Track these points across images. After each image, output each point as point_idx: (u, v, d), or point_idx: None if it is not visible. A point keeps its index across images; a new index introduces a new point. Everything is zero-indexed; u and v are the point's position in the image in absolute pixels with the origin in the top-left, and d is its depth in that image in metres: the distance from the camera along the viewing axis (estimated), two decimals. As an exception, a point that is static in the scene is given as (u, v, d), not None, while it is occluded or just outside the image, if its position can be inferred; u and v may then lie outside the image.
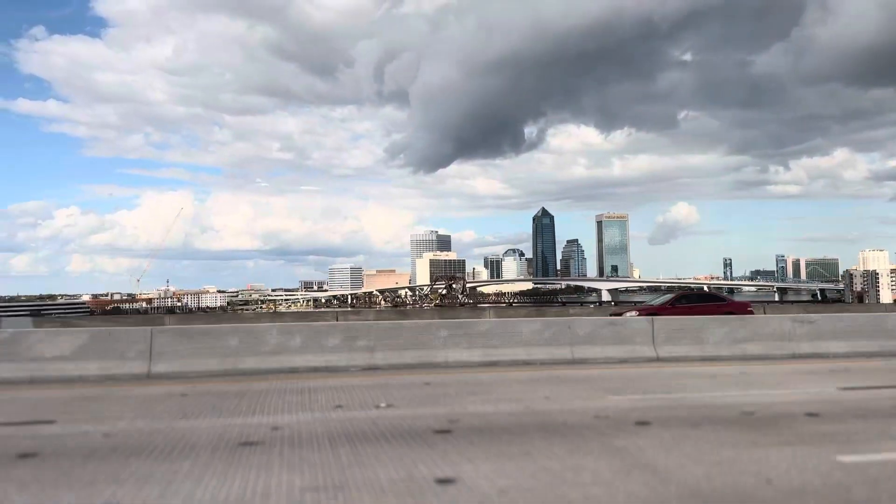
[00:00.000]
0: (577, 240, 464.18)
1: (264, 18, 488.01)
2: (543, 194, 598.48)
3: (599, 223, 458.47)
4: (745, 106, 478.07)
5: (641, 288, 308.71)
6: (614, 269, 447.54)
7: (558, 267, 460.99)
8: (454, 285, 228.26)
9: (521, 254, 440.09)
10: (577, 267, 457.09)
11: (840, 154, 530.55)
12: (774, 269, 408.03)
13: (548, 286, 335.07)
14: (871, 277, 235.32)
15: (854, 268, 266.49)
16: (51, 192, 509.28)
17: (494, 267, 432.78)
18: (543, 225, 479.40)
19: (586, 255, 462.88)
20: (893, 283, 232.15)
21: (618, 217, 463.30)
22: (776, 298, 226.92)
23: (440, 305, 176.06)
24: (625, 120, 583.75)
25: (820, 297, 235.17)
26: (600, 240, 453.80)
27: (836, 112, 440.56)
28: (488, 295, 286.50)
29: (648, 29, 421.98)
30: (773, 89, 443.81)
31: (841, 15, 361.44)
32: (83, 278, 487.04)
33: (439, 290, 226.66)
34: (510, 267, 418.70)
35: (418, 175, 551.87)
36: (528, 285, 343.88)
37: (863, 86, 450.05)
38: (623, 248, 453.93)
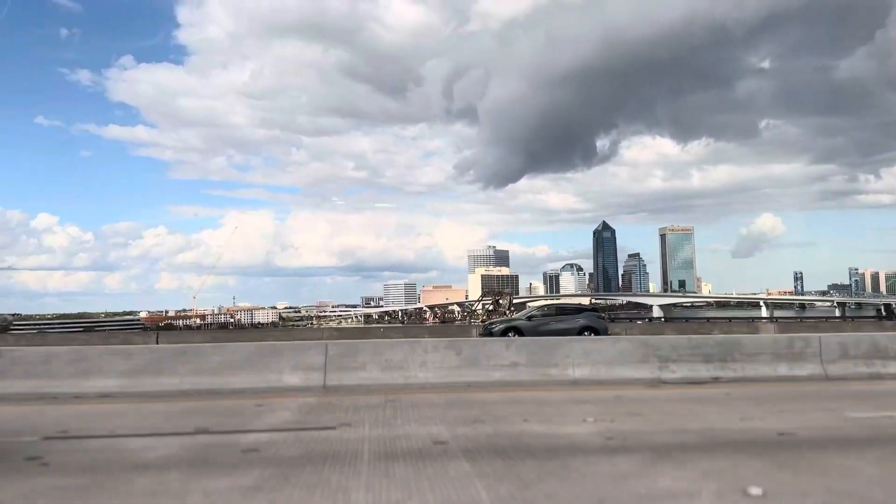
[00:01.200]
0: (638, 254, 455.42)
1: (338, 42, 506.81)
2: (618, 207, 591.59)
3: (663, 236, 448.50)
4: (828, 113, 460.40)
5: (708, 304, 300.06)
6: (681, 283, 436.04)
7: (620, 282, 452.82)
8: (500, 301, 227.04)
9: (579, 268, 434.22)
10: (639, 281, 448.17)
11: None
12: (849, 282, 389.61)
13: (606, 301, 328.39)
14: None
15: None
16: (140, 213, 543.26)
17: (552, 282, 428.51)
18: (604, 239, 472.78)
19: (649, 269, 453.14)
20: None
21: (682, 230, 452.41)
22: (836, 314, 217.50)
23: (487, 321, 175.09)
24: (702, 130, 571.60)
25: (885, 314, 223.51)
26: (664, 253, 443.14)
27: None
28: None
29: (723, 36, 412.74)
30: (858, 95, 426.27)
31: None
32: (171, 295, 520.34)
33: (486, 306, 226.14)
34: (568, 282, 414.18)
35: (488, 190, 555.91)
36: (585, 300, 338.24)
37: None
38: (688, 262, 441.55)
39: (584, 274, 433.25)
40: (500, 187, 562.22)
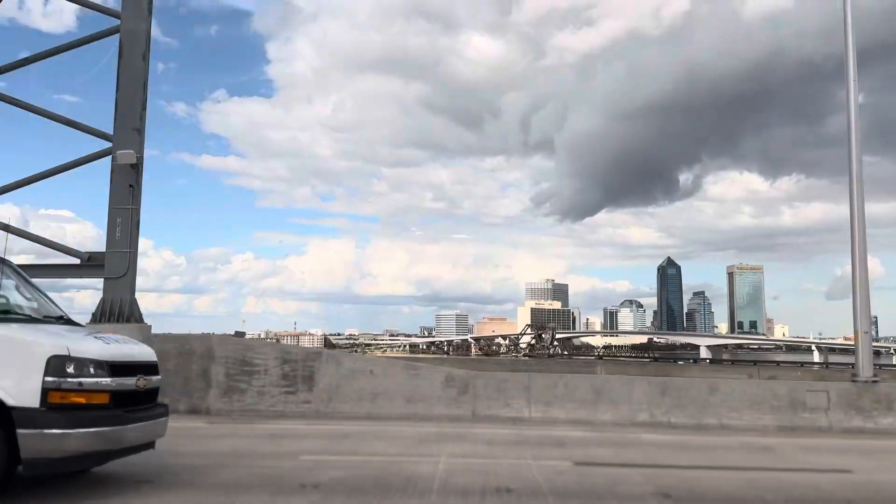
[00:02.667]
0: (703, 291, 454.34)
1: (418, 76, 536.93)
2: (704, 244, 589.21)
3: (731, 274, 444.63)
4: None
5: (777, 346, 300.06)
6: (752, 324, 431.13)
7: (684, 320, 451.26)
8: (543, 335, 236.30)
9: (639, 305, 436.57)
10: (703, 320, 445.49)
11: None
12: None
13: (667, 340, 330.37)
14: None
15: None
16: (229, 239, 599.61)
17: (611, 318, 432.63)
18: (669, 275, 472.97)
19: (714, 307, 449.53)
20: None
21: (751, 268, 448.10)
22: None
23: (529, 355, 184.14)
24: (792, 165, 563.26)
25: None
26: (731, 292, 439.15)
27: None
28: (596, 347, 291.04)
29: (812, 69, 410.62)
30: None
31: None
32: (257, 319, 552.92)
33: (529, 340, 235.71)
34: (626, 318, 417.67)
35: (566, 223, 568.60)
36: (643, 338, 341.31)
37: None
38: (758, 302, 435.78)
39: (644, 310, 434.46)
40: (578, 220, 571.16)
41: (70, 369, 5.37)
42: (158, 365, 6.44)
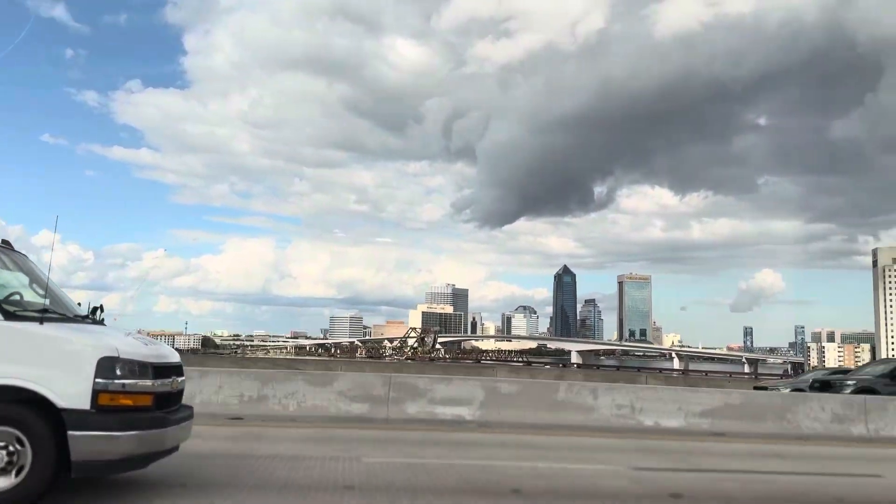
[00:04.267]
0: (594, 300, 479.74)
1: (341, 77, 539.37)
2: (618, 255, 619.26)
3: (621, 284, 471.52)
4: (826, 172, 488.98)
5: (662, 354, 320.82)
6: (642, 332, 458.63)
7: (577, 327, 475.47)
8: (426, 339, 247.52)
9: (533, 311, 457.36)
10: (594, 328, 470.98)
11: None
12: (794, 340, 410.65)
13: (549, 346, 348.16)
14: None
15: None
16: (140, 235, 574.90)
17: (507, 323, 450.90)
18: (564, 283, 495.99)
19: (604, 315, 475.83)
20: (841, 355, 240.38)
21: (640, 278, 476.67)
22: (746, 370, 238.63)
23: (411, 358, 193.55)
24: (701, 182, 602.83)
25: (791, 371, 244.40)
26: (621, 301, 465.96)
27: None
28: (487, 352, 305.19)
29: (720, 91, 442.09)
30: (854, 156, 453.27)
31: None
32: (168, 318, 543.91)
33: (412, 343, 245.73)
34: (520, 324, 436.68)
35: (487, 230, 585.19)
36: (533, 343, 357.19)
37: None
38: (645, 311, 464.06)
39: (537, 317, 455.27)
40: (497, 227, 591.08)
41: (119, 371, 5.39)
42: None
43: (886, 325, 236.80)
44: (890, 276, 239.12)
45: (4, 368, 5.21)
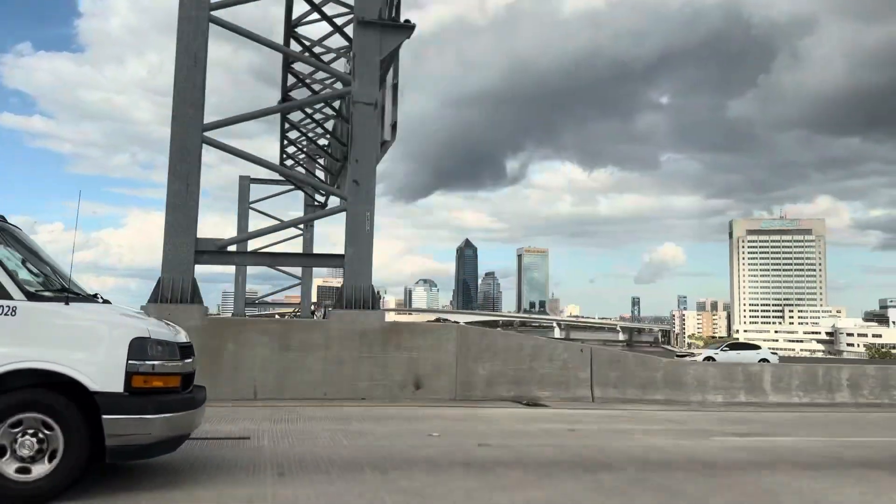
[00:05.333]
0: (493, 273, 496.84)
1: (248, 44, 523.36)
2: (530, 229, 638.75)
3: (520, 257, 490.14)
4: (724, 150, 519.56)
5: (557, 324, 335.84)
6: (542, 304, 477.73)
7: (479, 300, 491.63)
8: (315, 313, 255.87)
9: (434, 284, 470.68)
10: (493, 300, 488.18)
11: (823, 201, 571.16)
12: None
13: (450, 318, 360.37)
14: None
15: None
16: (35, 207, 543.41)
17: (408, 296, 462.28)
18: (466, 256, 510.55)
19: (503, 287, 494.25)
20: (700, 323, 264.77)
21: (538, 251, 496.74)
22: (620, 338, 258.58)
23: None
24: (607, 159, 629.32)
25: (662, 340, 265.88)
26: (519, 274, 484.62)
27: (812, 159, 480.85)
28: None
29: (623, 69, 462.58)
30: (749, 135, 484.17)
31: (807, 63, 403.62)
32: None
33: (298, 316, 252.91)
34: (420, 297, 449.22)
35: (402, 205, 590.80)
36: (433, 316, 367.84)
37: (832, 134, 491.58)
38: (543, 283, 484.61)
39: (438, 289, 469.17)
40: (411, 201, 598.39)
41: (150, 352, 5.31)
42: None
43: (740, 293, 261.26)
44: (743, 247, 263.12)
45: (31, 351, 5.06)
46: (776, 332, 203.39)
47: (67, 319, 5.30)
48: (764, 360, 25.53)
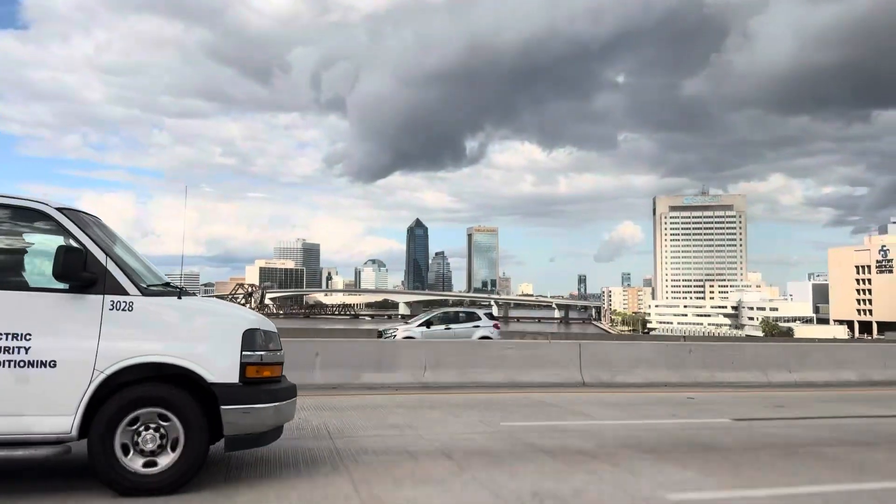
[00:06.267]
0: (443, 252, 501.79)
1: (200, 21, 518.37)
2: (491, 209, 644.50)
3: (470, 236, 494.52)
4: (678, 129, 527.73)
5: (503, 303, 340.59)
6: (493, 283, 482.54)
7: (431, 279, 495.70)
8: (253, 294, 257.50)
9: (382, 264, 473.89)
10: (443, 280, 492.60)
11: (776, 180, 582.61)
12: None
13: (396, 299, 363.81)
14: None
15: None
16: None
17: (357, 277, 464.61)
18: (417, 236, 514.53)
19: (453, 267, 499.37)
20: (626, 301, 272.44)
21: (488, 230, 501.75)
22: (556, 315, 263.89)
23: None
24: (566, 139, 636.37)
25: (594, 317, 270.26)
26: (469, 253, 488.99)
27: (765, 138, 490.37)
28: (329, 306, 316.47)
29: (580, 49, 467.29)
30: (703, 114, 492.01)
31: (758, 41, 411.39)
32: None
33: (239, 301, 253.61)
34: (369, 277, 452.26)
35: (362, 185, 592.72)
36: (380, 297, 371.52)
37: (783, 113, 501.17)
38: (493, 262, 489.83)
39: (387, 270, 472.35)
40: (370, 182, 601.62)
41: (260, 342, 5.51)
42: None
43: (662, 268, 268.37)
44: (665, 224, 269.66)
45: (150, 345, 5.16)
46: (685, 306, 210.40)
47: (182, 313, 5.41)
48: (485, 337, 22.20)
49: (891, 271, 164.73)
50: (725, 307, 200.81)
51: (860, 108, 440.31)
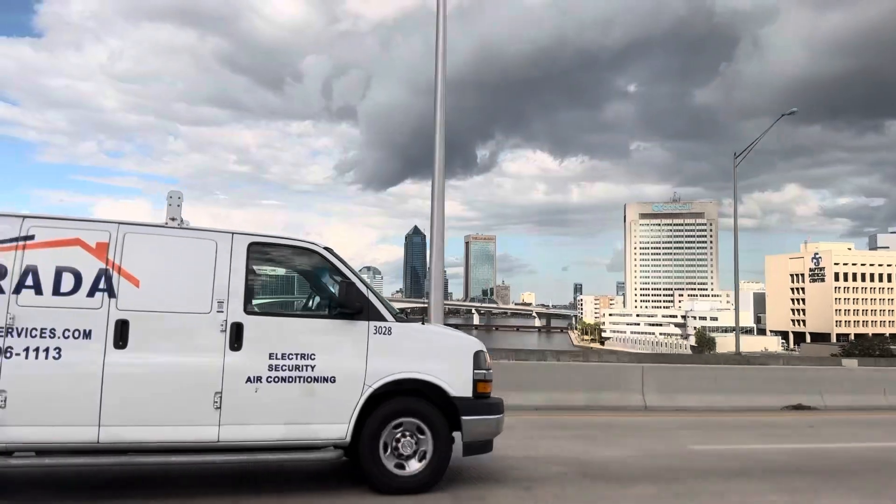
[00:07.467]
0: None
1: (214, 30, 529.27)
2: (503, 217, 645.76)
3: (467, 244, 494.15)
4: (691, 138, 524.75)
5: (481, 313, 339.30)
6: (491, 291, 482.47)
7: (428, 287, 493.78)
8: None
9: (377, 272, 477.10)
10: (444, 288, 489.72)
11: (791, 190, 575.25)
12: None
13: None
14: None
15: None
16: (4, 196, 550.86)
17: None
18: (415, 244, 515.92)
19: (451, 275, 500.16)
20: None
21: (485, 239, 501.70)
22: (536, 324, 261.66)
23: None
24: (578, 147, 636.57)
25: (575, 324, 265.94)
26: (467, 261, 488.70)
27: (777, 147, 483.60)
28: None
29: (590, 58, 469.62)
30: (715, 123, 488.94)
31: (768, 51, 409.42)
32: None
33: None
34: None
35: (377, 194, 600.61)
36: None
37: (794, 122, 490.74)
38: (490, 271, 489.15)
39: (382, 277, 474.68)
40: (381, 189, 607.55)
41: (484, 361, 6.54)
42: None
43: (632, 276, 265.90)
44: (635, 231, 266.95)
45: (405, 364, 6.21)
46: (638, 315, 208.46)
47: (426, 336, 6.55)
48: None
49: (823, 280, 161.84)
50: (676, 316, 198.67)
51: (872, 117, 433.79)
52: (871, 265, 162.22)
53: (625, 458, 8.39)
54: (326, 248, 6.35)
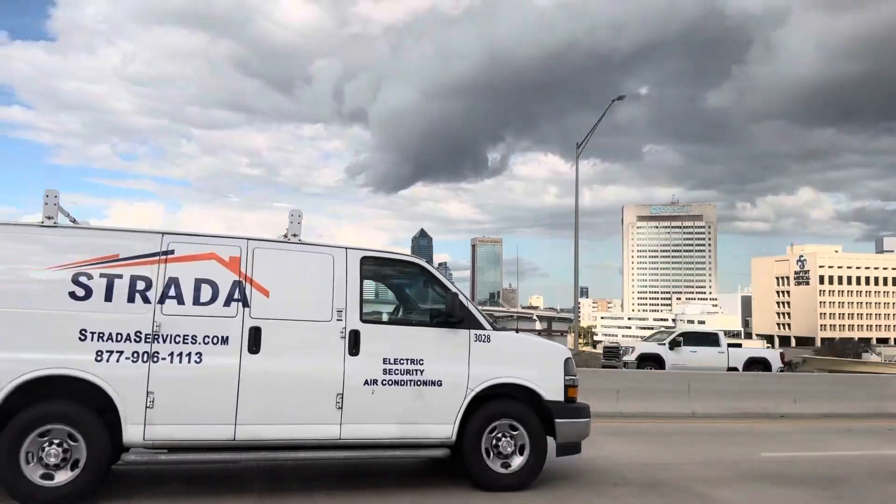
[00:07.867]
0: (445, 263, 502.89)
1: (225, 33, 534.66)
2: (515, 220, 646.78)
3: (474, 247, 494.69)
4: (704, 141, 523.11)
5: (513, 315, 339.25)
6: (498, 294, 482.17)
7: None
8: None
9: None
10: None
11: (805, 193, 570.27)
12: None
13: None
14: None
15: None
16: (16, 198, 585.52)
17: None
18: (421, 246, 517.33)
19: (457, 278, 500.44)
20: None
21: (492, 241, 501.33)
22: (536, 326, 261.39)
23: None
24: (589, 150, 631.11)
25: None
26: (473, 264, 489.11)
27: (790, 150, 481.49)
28: None
29: (601, 61, 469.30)
30: (727, 126, 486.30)
31: (781, 53, 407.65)
32: None
33: None
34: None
35: (387, 196, 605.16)
36: None
37: (808, 125, 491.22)
38: (498, 274, 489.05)
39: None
40: (392, 192, 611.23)
41: (573, 367, 7.00)
42: None
43: (629, 279, 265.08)
44: (632, 234, 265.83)
45: (503, 370, 6.74)
46: (629, 318, 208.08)
47: (521, 343, 7.17)
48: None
49: (807, 283, 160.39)
50: (667, 319, 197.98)
51: (887, 120, 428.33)
52: (858, 268, 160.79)
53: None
54: (427, 262, 7.04)
